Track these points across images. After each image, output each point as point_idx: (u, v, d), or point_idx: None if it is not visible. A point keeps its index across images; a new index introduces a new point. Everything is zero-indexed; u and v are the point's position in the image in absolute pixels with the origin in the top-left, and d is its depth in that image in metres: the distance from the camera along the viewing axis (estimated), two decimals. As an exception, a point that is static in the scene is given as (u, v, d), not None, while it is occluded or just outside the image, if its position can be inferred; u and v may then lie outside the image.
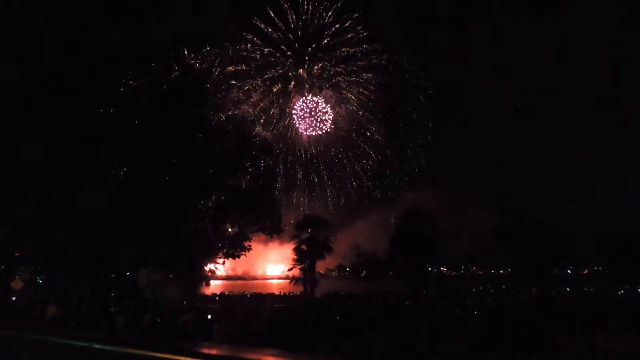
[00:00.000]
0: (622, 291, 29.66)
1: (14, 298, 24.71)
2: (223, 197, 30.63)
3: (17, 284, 23.96)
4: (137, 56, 26.78)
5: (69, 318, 15.40)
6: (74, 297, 22.34)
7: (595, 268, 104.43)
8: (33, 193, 23.53)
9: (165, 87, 28.31)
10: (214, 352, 3.99)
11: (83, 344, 4.71)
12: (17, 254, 25.57)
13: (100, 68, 24.00)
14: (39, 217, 23.03)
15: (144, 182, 25.79)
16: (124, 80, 26.70)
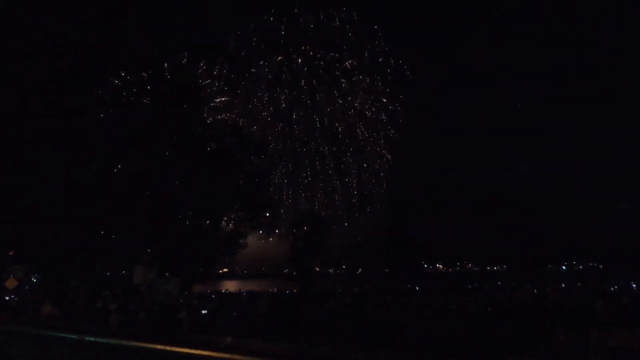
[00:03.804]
0: (616, 287, 29.89)
1: (7, 297, 24.57)
2: (219, 195, 30.65)
3: (11, 283, 23.80)
4: (136, 57, 26.82)
5: (64, 316, 15.35)
6: (69, 295, 22.26)
7: (590, 264, 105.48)
8: (28, 192, 23.41)
9: (161, 87, 28.31)
10: (209, 341, 3.98)
11: (75, 336, 4.71)
12: (11, 253, 25.47)
13: (99, 68, 23.99)
14: (34, 215, 22.92)
15: (140, 180, 25.70)
16: (122, 80, 26.68)
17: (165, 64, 30.28)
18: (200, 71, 38.60)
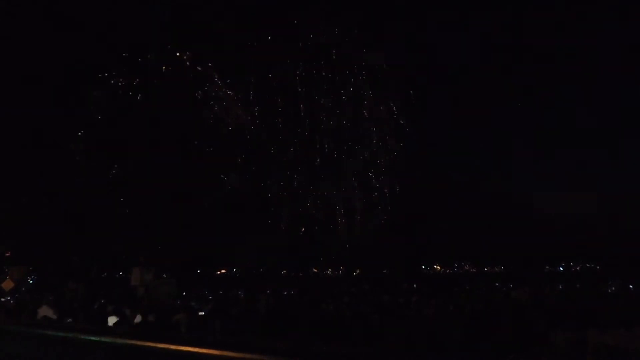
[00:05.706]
0: (614, 287, 29.97)
1: (3, 299, 24.49)
2: (217, 196, 30.70)
3: (7, 284, 23.74)
4: (133, 54, 26.85)
5: (62, 316, 15.31)
6: (67, 296, 22.24)
7: (587, 265, 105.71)
8: (23, 192, 23.39)
9: (159, 85, 28.33)
10: (207, 340, 3.99)
11: (72, 335, 4.71)
12: (7, 254, 25.43)
13: (95, 65, 23.99)
14: (31, 215, 22.88)
15: (137, 181, 25.68)
16: (119, 77, 26.69)
17: (164, 67, 30.37)
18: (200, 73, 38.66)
